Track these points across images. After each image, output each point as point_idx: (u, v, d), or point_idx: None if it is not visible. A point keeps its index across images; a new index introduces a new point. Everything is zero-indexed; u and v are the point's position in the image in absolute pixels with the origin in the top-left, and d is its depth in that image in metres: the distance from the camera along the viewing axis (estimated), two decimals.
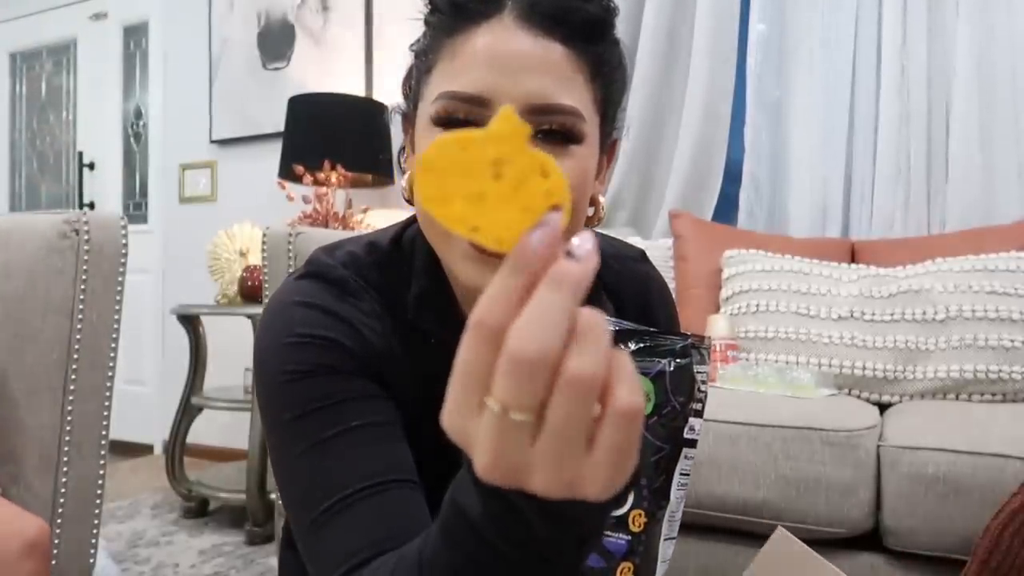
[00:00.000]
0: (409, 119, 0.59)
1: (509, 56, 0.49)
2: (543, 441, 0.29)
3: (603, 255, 0.50)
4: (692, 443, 0.54)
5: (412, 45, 0.59)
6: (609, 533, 0.52)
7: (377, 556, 0.47)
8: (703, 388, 0.54)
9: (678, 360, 0.52)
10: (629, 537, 0.52)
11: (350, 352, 0.54)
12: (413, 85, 0.58)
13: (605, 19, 0.53)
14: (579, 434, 0.29)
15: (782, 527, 0.80)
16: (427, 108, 0.53)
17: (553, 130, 0.51)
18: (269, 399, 0.55)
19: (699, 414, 0.54)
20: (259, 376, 0.56)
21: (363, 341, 0.54)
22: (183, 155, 3.28)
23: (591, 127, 0.52)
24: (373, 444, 0.51)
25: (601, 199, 0.59)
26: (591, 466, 0.29)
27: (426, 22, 0.55)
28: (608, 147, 0.59)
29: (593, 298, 0.45)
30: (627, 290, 0.61)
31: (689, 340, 0.53)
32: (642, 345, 0.52)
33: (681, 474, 0.54)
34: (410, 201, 0.56)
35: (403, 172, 0.61)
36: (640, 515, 0.52)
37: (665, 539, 0.54)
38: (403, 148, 0.62)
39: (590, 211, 0.58)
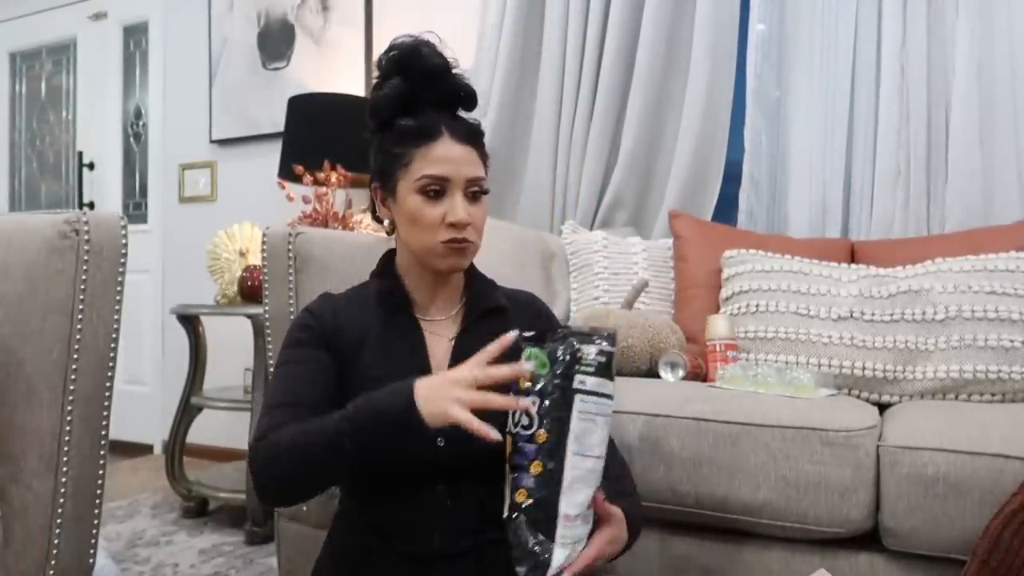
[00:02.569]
0: (383, 188, 1.03)
1: (456, 157, 0.98)
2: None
3: (507, 293, 1.11)
4: (588, 392, 0.86)
5: (383, 147, 1.02)
6: (525, 445, 0.86)
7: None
8: (588, 355, 0.86)
9: (558, 341, 0.88)
10: (535, 446, 0.85)
11: (315, 332, 1.00)
12: (388, 169, 1.01)
13: (480, 138, 1.02)
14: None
15: (823, 569, 0.91)
16: (411, 183, 0.98)
17: (477, 191, 0.99)
18: (281, 349, 1.02)
19: (591, 373, 0.86)
20: (284, 338, 1.04)
21: (324, 326, 1.00)
22: (183, 155, 3.28)
23: (486, 187, 1.01)
24: (295, 385, 0.96)
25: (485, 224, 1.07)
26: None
27: (396, 140, 1.00)
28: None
29: (498, 311, 1.06)
30: (520, 305, 1.11)
31: (567, 330, 0.90)
32: (533, 334, 0.90)
33: (582, 413, 0.85)
34: (389, 232, 1.08)
35: (382, 218, 1.07)
36: (543, 434, 0.85)
37: (577, 455, 0.85)
38: (372, 203, 1.08)
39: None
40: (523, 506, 0.85)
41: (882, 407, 1.38)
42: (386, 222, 1.07)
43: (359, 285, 1.09)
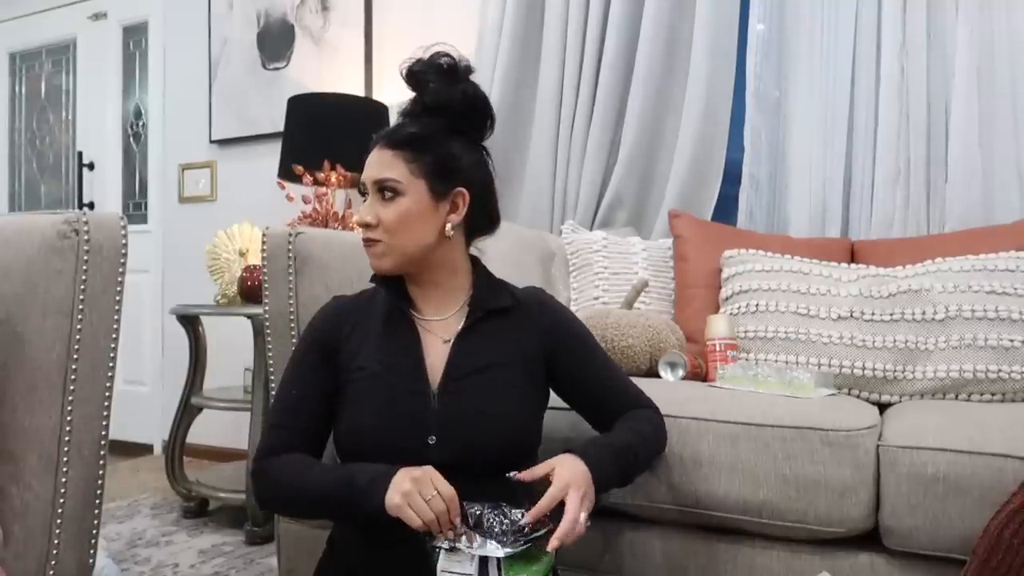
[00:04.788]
0: None
1: (371, 162, 1.05)
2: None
3: (514, 290, 1.13)
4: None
5: None
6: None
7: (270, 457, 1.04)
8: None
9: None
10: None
11: (318, 336, 1.09)
12: None
13: (409, 141, 1.03)
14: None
15: (826, 572, 0.90)
16: None
17: (388, 193, 1.02)
18: (293, 350, 1.13)
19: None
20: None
21: (326, 330, 1.08)
22: (182, 155, 3.28)
23: (411, 187, 1.02)
24: (293, 405, 1.06)
25: (449, 225, 1.05)
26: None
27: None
28: (452, 194, 1.05)
29: (502, 312, 1.08)
30: (527, 300, 1.13)
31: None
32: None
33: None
34: None
35: None
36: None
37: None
38: None
39: (449, 230, 1.05)
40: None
41: (882, 407, 1.39)
42: None
43: (374, 287, 1.13)
